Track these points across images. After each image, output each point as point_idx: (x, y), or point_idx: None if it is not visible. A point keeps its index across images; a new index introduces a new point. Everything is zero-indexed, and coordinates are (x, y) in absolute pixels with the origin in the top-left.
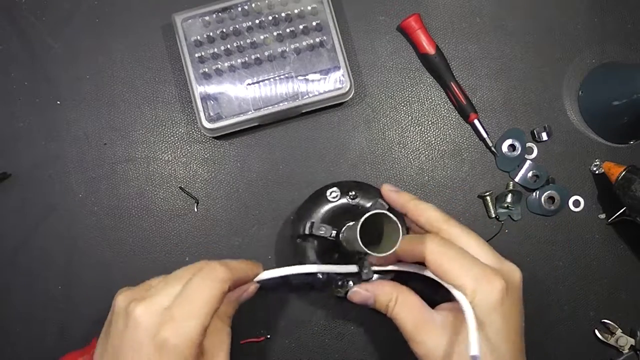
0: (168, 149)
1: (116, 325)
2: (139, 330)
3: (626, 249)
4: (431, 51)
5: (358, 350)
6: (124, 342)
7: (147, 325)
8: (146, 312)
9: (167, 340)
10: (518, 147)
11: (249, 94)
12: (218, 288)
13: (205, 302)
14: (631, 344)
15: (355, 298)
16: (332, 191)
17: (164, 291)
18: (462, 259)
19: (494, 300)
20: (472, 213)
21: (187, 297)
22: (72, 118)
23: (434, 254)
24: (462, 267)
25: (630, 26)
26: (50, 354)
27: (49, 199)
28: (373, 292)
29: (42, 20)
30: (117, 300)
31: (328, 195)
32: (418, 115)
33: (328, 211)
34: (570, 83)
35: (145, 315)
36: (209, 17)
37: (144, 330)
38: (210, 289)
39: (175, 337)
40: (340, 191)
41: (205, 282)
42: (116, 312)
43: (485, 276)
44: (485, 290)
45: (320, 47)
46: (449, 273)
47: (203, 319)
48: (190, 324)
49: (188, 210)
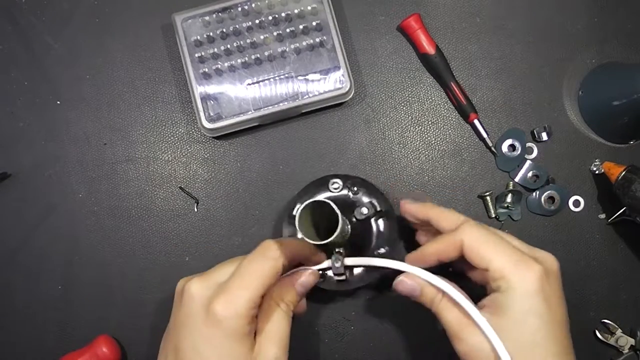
0: (168, 149)
1: (175, 306)
2: (193, 303)
3: (626, 249)
4: (431, 51)
5: (358, 350)
6: (179, 317)
7: (200, 298)
8: (201, 286)
9: (217, 311)
10: (518, 147)
11: (249, 94)
12: (269, 263)
13: (256, 276)
14: (631, 344)
15: (400, 287)
16: (334, 182)
17: (219, 270)
18: (500, 244)
19: (534, 285)
20: (472, 213)
21: (239, 272)
22: (72, 118)
23: (472, 240)
24: (500, 252)
25: (630, 26)
26: (50, 354)
27: (49, 199)
28: (421, 284)
29: (42, 20)
30: (178, 285)
31: (330, 185)
32: (418, 115)
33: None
34: (570, 83)
35: (200, 289)
36: (209, 17)
37: (197, 303)
38: (261, 264)
39: (224, 309)
40: (342, 183)
41: (256, 257)
42: (175, 294)
43: (524, 261)
44: (524, 275)
45: (320, 47)
46: (486, 258)
47: (252, 292)
48: (239, 294)
49: (188, 210)
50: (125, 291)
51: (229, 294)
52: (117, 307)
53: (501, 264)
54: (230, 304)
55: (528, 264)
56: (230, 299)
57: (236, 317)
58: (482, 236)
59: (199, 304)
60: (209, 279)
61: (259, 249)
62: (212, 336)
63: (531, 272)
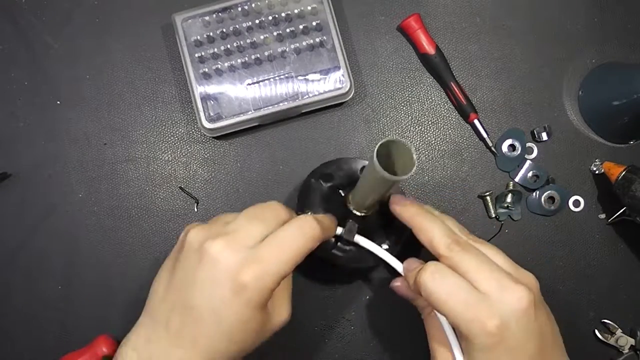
0: (168, 149)
1: (187, 261)
2: (218, 268)
3: (626, 249)
4: (431, 51)
5: (358, 350)
6: (196, 277)
7: (228, 264)
8: (227, 249)
9: (246, 282)
10: (518, 147)
11: (249, 94)
12: (310, 243)
13: (297, 254)
14: (631, 344)
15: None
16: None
17: (246, 230)
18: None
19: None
20: (472, 213)
21: (280, 244)
22: (72, 118)
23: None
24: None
25: (630, 26)
26: (50, 354)
27: (49, 199)
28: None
29: (42, 20)
30: (190, 236)
31: (358, 168)
32: (418, 115)
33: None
34: (570, 83)
35: (226, 252)
36: (209, 17)
37: (223, 269)
38: (304, 242)
39: (255, 280)
40: None
41: (296, 232)
42: (187, 248)
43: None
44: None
45: (320, 47)
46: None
47: (286, 268)
48: (273, 269)
49: (188, 210)
50: (125, 291)
51: (262, 266)
52: (117, 307)
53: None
54: (261, 276)
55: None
56: (262, 272)
57: (265, 290)
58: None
59: (225, 269)
60: (237, 241)
61: (297, 222)
62: (235, 303)
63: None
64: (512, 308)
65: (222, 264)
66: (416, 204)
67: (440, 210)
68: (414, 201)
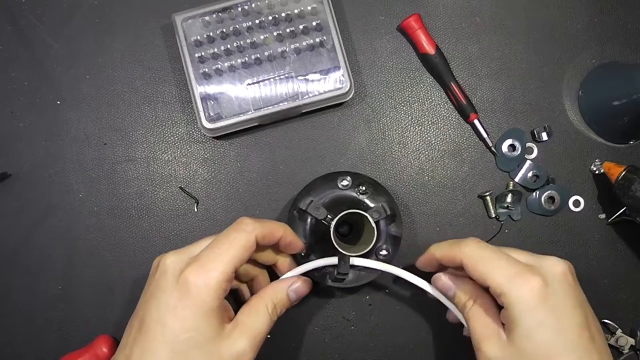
0: (168, 149)
1: (149, 279)
2: (165, 274)
3: (626, 249)
4: (431, 51)
5: (358, 351)
6: (151, 288)
7: (173, 270)
8: (175, 260)
9: (188, 280)
10: (518, 147)
11: (249, 94)
12: (241, 236)
13: (228, 248)
14: (631, 344)
15: (437, 283)
16: (344, 179)
17: (195, 244)
18: (495, 259)
19: (533, 298)
20: (472, 213)
21: (213, 244)
22: (72, 118)
23: (469, 257)
24: (496, 268)
25: (630, 26)
26: (50, 354)
27: (49, 199)
28: (456, 284)
29: (42, 20)
30: (153, 262)
31: (339, 182)
32: (418, 115)
33: (333, 197)
34: (570, 83)
35: (173, 262)
36: (209, 17)
37: (169, 274)
38: (235, 238)
39: (195, 277)
40: (352, 182)
41: (230, 231)
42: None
43: (520, 275)
44: (520, 289)
45: (320, 47)
46: (483, 275)
47: (224, 263)
48: (211, 264)
49: (188, 210)
50: (125, 291)
51: (201, 263)
52: (117, 307)
53: (497, 280)
54: (201, 273)
55: (524, 277)
56: (201, 269)
57: (206, 288)
58: (478, 253)
59: (171, 274)
60: (184, 253)
61: (234, 224)
62: (179, 307)
63: (527, 285)
64: (553, 271)
65: (169, 270)
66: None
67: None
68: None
